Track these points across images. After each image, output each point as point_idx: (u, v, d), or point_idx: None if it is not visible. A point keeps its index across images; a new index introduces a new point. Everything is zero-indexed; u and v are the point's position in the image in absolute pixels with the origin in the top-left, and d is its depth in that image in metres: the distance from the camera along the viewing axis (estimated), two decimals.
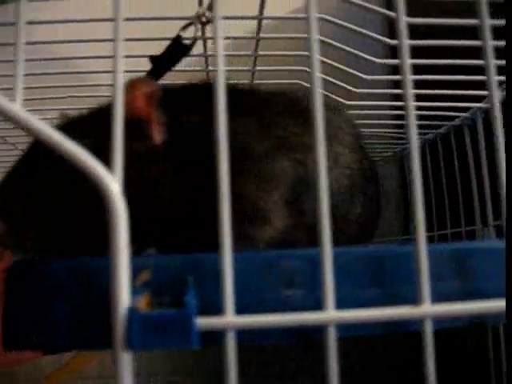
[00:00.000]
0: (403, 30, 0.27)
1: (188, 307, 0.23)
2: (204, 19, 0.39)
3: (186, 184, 0.34)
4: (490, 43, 0.28)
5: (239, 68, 0.58)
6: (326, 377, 0.24)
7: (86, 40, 0.48)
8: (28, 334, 0.25)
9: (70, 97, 0.58)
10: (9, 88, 0.24)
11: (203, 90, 0.38)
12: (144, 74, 0.38)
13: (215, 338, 0.23)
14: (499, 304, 0.25)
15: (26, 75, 0.24)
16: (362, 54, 0.49)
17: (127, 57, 0.25)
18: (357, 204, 0.41)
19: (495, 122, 0.28)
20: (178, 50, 0.38)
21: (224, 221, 0.24)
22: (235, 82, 0.42)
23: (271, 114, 0.38)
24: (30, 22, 0.26)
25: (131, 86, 0.33)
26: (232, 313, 0.23)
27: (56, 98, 0.59)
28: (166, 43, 0.39)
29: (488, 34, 0.28)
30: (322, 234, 0.25)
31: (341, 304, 0.24)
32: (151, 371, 0.87)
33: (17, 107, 0.23)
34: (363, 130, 0.66)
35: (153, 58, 0.38)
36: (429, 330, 0.24)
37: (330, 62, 0.52)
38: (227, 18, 0.46)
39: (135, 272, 0.24)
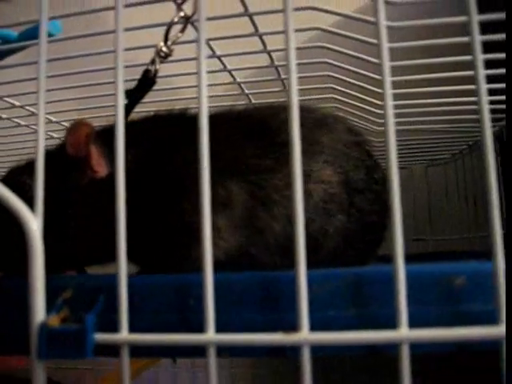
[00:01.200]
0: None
1: (86, 323, 0.27)
2: (162, 54, 0.43)
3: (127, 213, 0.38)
4: None
5: (270, 78, 0.61)
6: None
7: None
8: None
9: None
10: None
11: (148, 124, 0.42)
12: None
13: (113, 352, 0.27)
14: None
15: None
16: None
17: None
18: (338, 217, 0.41)
19: None
20: (146, 83, 0.43)
21: (120, 244, 0.28)
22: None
23: (224, 138, 0.40)
24: None
25: (73, 128, 0.38)
26: (126, 330, 0.27)
27: None
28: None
29: None
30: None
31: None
32: (234, 364, 0.93)
33: None
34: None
35: (127, 92, 0.42)
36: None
37: None
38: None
39: (57, 291, 0.30)
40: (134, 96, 0.43)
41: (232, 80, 0.59)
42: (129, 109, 0.42)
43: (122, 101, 0.30)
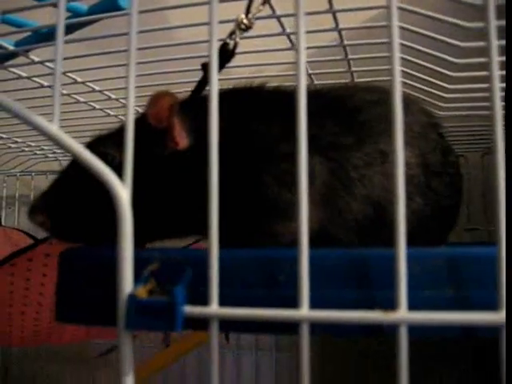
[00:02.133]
0: None
1: (175, 296, 0.26)
2: (243, 26, 0.41)
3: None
4: None
5: (337, 70, 0.59)
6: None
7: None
8: (70, 309, 0.31)
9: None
10: None
11: (230, 96, 0.41)
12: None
13: (202, 325, 0.27)
14: (489, 316, 0.25)
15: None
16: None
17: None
18: (415, 199, 0.40)
19: None
20: (224, 56, 0.41)
21: (213, 217, 0.27)
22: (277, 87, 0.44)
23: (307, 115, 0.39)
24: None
25: (155, 98, 0.38)
26: (216, 304, 0.27)
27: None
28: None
29: None
30: (301, 234, 0.27)
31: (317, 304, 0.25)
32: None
33: (53, 127, 0.29)
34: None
35: (204, 66, 0.41)
36: (403, 336, 0.25)
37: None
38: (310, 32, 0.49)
39: (144, 263, 0.29)
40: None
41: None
42: (205, 82, 0.42)
43: (215, 75, 0.29)
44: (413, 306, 0.25)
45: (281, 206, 0.37)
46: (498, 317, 0.25)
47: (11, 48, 0.52)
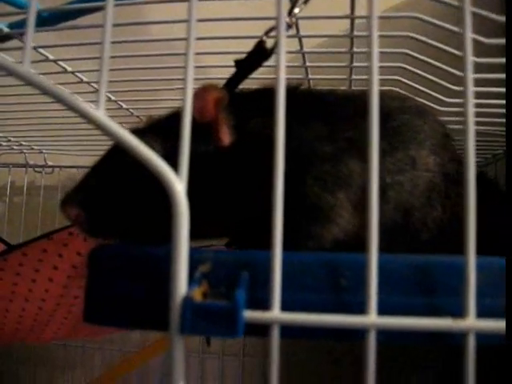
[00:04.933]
0: None
1: (237, 300, 0.25)
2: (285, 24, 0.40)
3: (252, 184, 0.36)
4: None
5: (337, 64, 0.59)
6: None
7: (158, 39, 0.53)
8: (102, 310, 0.29)
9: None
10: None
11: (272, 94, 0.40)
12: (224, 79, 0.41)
13: (260, 331, 0.25)
14: None
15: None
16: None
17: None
18: (437, 208, 0.40)
19: None
20: (259, 55, 0.40)
21: (277, 219, 0.26)
22: (312, 87, 0.43)
23: (342, 117, 0.39)
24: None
25: (202, 92, 0.36)
26: (278, 308, 0.25)
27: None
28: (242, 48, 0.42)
29: None
30: (370, 238, 0.26)
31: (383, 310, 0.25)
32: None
33: (100, 114, 0.27)
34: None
35: (237, 62, 0.40)
36: (471, 344, 0.25)
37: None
38: (314, 17, 0.48)
39: (196, 263, 0.27)
40: (244, 68, 0.40)
41: (299, 48, 0.56)
42: (237, 80, 0.40)
43: (283, 64, 0.28)
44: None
45: (322, 208, 0.36)
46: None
47: (6, 30, 0.48)
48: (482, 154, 0.83)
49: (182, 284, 0.25)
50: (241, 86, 0.41)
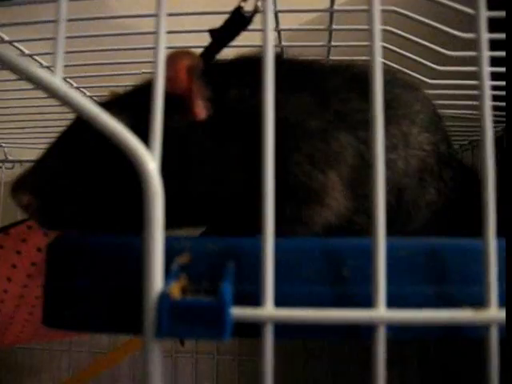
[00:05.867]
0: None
1: (222, 296, 0.21)
2: None
3: (231, 163, 0.32)
4: None
5: (314, 44, 0.55)
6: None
7: (129, 15, 0.49)
8: (62, 313, 0.25)
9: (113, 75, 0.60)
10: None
11: (253, 64, 0.36)
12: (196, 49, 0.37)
13: (251, 331, 0.21)
14: None
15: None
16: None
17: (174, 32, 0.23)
18: (429, 189, 0.37)
19: None
20: (237, 22, 0.36)
21: (267, 203, 0.22)
22: (295, 56, 0.39)
23: (330, 88, 0.35)
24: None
25: (172, 59, 0.31)
26: (271, 304, 0.22)
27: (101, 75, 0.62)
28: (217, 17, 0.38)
29: None
30: (376, 221, 0.22)
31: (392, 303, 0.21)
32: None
33: (57, 80, 0.22)
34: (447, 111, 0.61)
35: (212, 32, 0.36)
36: (494, 337, 0.21)
37: (413, 38, 0.48)
38: None
39: (171, 254, 0.23)
40: (221, 36, 0.36)
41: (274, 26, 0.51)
42: (213, 51, 0.36)
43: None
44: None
45: (312, 189, 0.32)
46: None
47: None
48: (459, 141, 0.81)
49: (156, 279, 0.21)
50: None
